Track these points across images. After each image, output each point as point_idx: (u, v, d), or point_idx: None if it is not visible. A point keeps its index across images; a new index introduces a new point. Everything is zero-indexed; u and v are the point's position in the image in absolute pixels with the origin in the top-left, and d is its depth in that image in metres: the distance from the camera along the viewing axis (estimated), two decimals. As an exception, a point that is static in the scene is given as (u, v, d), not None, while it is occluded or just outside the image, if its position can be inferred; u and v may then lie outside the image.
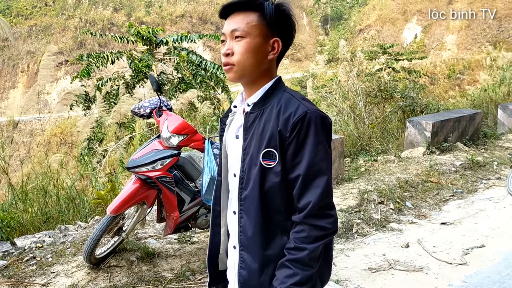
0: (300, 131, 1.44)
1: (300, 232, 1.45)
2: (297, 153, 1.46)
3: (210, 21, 39.71)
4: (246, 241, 1.56)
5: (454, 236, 4.55)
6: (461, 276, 3.75)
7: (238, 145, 1.60)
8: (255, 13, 1.51)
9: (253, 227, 1.53)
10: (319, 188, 1.45)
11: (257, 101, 1.56)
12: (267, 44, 1.53)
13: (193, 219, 3.72)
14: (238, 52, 1.51)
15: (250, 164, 1.53)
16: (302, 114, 1.44)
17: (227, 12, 1.55)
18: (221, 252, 1.75)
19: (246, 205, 1.54)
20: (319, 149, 1.46)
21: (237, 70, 1.53)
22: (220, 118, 1.76)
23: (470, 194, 5.79)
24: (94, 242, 3.34)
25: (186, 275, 3.58)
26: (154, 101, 3.63)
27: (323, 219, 1.45)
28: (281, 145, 1.47)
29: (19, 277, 3.37)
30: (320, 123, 1.46)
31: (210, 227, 1.75)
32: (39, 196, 4.99)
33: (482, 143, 8.11)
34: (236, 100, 1.70)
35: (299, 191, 1.46)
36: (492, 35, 37.35)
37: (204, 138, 3.50)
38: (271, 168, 1.49)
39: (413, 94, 8.57)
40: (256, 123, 1.53)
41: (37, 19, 36.83)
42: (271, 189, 1.50)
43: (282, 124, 1.46)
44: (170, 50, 12.36)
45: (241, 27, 1.50)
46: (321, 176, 1.46)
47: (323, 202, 1.45)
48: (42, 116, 29.73)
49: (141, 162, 3.39)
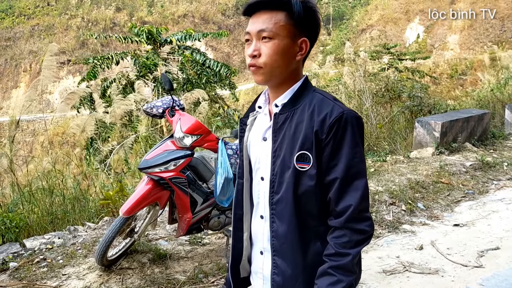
0: (337, 132, 1.39)
1: (341, 237, 1.41)
2: (334, 155, 1.41)
3: (212, 20, 39.68)
4: (280, 247, 1.51)
5: (468, 238, 4.49)
6: (478, 279, 3.69)
7: (265, 147, 1.54)
8: (282, 12, 1.44)
9: (287, 232, 1.48)
10: (358, 190, 1.40)
11: (287, 102, 1.50)
12: (295, 44, 1.47)
13: (205, 220, 3.67)
14: (266, 54, 1.44)
15: (282, 167, 1.47)
16: (338, 115, 1.40)
17: (252, 10, 1.48)
18: (244, 258, 1.69)
19: (279, 210, 1.49)
20: (356, 151, 1.41)
21: (265, 73, 1.47)
22: (240, 118, 1.69)
23: (481, 195, 5.73)
24: (107, 244, 3.29)
25: (199, 277, 3.52)
26: (167, 101, 3.58)
27: (362, 222, 1.41)
28: (316, 147, 1.41)
29: (31, 279, 3.32)
30: (356, 124, 1.42)
31: (232, 232, 1.70)
32: (44, 196, 4.94)
33: (490, 144, 8.05)
34: (259, 100, 1.63)
35: (337, 194, 1.41)
36: (495, 34, 37.28)
37: (218, 139, 3.45)
38: (305, 171, 1.43)
39: (421, 94, 8.50)
40: (287, 125, 1.48)
41: (40, 18, 36.81)
42: (306, 193, 1.45)
43: (317, 125, 1.41)
44: (174, 50, 12.30)
45: (269, 27, 1.43)
46: (360, 178, 1.42)
47: (363, 205, 1.41)
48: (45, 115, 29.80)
49: (154, 163, 3.33)
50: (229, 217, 3.73)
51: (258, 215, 1.60)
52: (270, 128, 1.53)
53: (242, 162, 1.66)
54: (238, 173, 1.69)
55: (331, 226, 1.44)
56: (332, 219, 1.44)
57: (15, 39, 35.79)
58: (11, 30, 36.01)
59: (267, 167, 1.53)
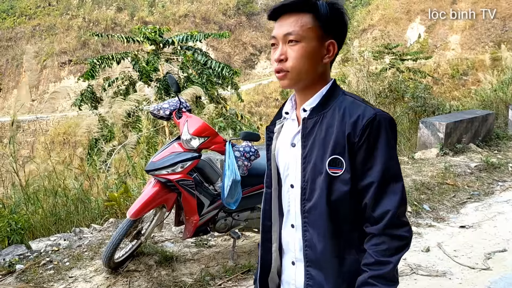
0: (370, 134, 1.35)
1: (380, 245, 1.35)
2: (369, 158, 1.36)
3: (213, 21, 39.63)
4: (315, 257, 1.45)
5: (475, 239, 4.48)
6: (486, 281, 3.68)
7: (295, 153, 1.49)
8: (308, 15, 1.40)
9: (322, 241, 1.42)
10: (396, 194, 1.35)
11: (316, 106, 1.46)
12: (323, 47, 1.43)
13: (212, 222, 3.66)
14: (293, 57, 1.40)
15: (313, 173, 1.42)
16: (371, 116, 1.35)
17: (277, 14, 1.44)
18: (272, 270, 1.63)
19: (312, 218, 1.43)
20: (392, 153, 1.37)
21: (292, 77, 1.43)
22: (267, 126, 1.65)
23: (487, 196, 5.71)
24: (114, 246, 3.27)
25: (206, 279, 3.51)
26: (174, 103, 3.56)
27: (401, 228, 1.36)
28: (349, 151, 1.36)
29: (37, 282, 3.31)
30: (390, 126, 1.38)
31: (260, 243, 1.64)
32: (47, 197, 4.93)
33: (494, 144, 8.03)
34: (286, 106, 1.58)
35: (373, 199, 1.36)
36: (497, 34, 37.22)
37: (225, 141, 3.43)
38: (338, 176, 1.38)
39: (424, 95, 8.48)
40: (316, 129, 1.43)
41: (41, 19, 36.78)
42: (339, 199, 1.39)
43: (349, 128, 1.36)
44: (176, 50, 12.28)
45: (296, 30, 1.39)
46: (397, 181, 1.37)
47: (401, 209, 1.36)
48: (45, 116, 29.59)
49: (161, 165, 3.32)
50: (236, 219, 3.72)
51: (289, 224, 1.54)
52: (298, 133, 1.48)
53: (270, 171, 1.61)
54: (266, 182, 1.64)
55: (368, 233, 1.39)
56: (369, 226, 1.39)
57: (16, 39, 35.77)
58: (12, 30, 36.00)
59: (297, 174, 1.48)
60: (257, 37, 40.58)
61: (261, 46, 40.33)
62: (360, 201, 1.39)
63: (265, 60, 40.42)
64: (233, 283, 3.52)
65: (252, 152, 3.46)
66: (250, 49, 40.02)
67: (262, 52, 40.45)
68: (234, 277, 3.57)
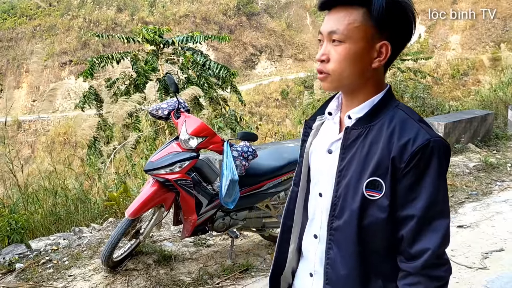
0: (419, 162, 1.19)
1: (415, 285, 1.22)
2: (414, 188, 1.21)
3: (213, 21, 39.65)
4: (336, 279, 1.32)
5: (472, 239, 4.50)
6: (482, 280, 3.70)
7: (330, 161, 1.35)
8: (360, 10, 1.22)
9: (347, 266, 1.29)
10: (439, 232, 1.21)
11: (363, 116, 1.30)
12: (373, 49, 1.25)
13: (210, 222, 3.68)
14: (334, 59, 1.25)
15: (346, 191, 1.28)
16: (424, 142, 1.19)
17: (329, 4, 1.28)
18: (286, 270, 1.53)
19: (338, 237, 1.31)
20: (441, 186, 1.21)
21: (333, 81, 1.28)
22: (306, 120, 1.51)
23: (485, 196, 5.73)
24: (113, 245, 3.30)
25: (204, 278, 3.54)
26: (172, 103, 3.59)
27: (440, 268, 1.23)
28: (392, 175, 1.21)
29: (37, 281, 3.33)
30: (444, 154, 1.22)
31: (278, 242, 1.54)
32: (47, 196, 4.96)
33: (493, 144, 8.04)
34: (331, 105, 1.42)
35: (412, 234, 1.21)
36: (497, 34, 37.22)
37: (223, 140, 3.46)
38: (375, 200, 1.23)
39: (423, 95, 8.51)
40: (359, 143, 1.28)
41: (42, 19, 36.83)
42: (372, 225, 1.26)
43: (396, 151, 1.21)
44: (176, 51, 12.32)
45: (340, 29, 1.23)
46: (442, 218, 1.22)
47: (442, 249, 1.23)
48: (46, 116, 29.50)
49: (160, 165, 3.35)
50: (234, 218, 3.74)
51: (311, 233, 1.42)
52: (338, 141, 1.34)
53: (300, 169, 1.48)
54: (294, 179, 1.52)
55: (403, 269, 1.25)
56: (404, 261, 1.25)
57: (17, 40, 35.83)
58: (13, 31, 36.06)
59: (328, 184, 1.34)
60: (258, 37, 40.60)
61: (262, 46, 40.36)
62: (396, 231, 1.25)
63: (266, 60, 40.46)
64: (231, 282, 3.54)
65: (250, 152, 3.49)
66: (251, 49, 40.04)
67: (262, 52, 40.48)
68: (232, 276, 3.60)
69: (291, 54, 41.29)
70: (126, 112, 7.41)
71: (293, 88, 34.47)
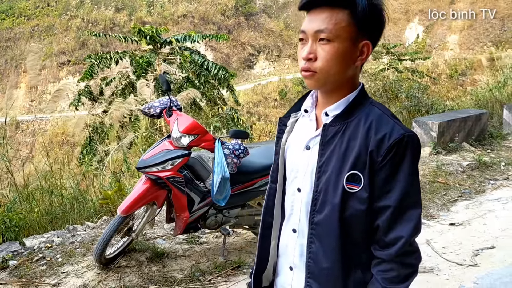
0: (395, 156, 1.26)
1: (388, 272, 1.29)
2: (389, 180, 1.28)
3: (212, 21, 39.70)
4: (318, 272, 1.37)
5: (463, 237, 4.53)
6: (472, 277, 3.73)
7: (308, 157, 1.40)
8: (344, 11, 1.27)
9: (329, 258, 1.35)
10: (411, 222, 1.28)
11: (340, 114, 1.35)
12: (356, 48, 1.31)
13: (202, 219, 3.71)
14: (322, 58, 1.29)
15: (327, 185, 1.32)
16: (399, 137, 1.26)
17: (310, 5, 1.31)
18: (268, 268, 1.56)
19: (320, 231, 1.35)
20: (414, 179, 1.29)
21: (320, 79, 1.32)
22: (280, 118, 1.55)
23: (478, 194, 5.76)
24: (105, 242, 3.33)
25: (196, 275, 3.57)
26: (164, 101, 3.62)
27: (412, 255, 1.31)
28: (370, 169, 1.28)
29: (30, 277, 3.36)
30: (416, 148, 1.30)
31: (259, 239, 1.57)
32: (43, 196, 4.99)
33: (488, 143, 8.08)
34: (306, 103, 1.46)
35: (387, 223, 1.29)
36: (495, 34, 37.29)
37: (215, 138, 3.50)
38: (354, 193, 1.30)
39: (418, 94, 8.55)
40: (337, 139, 1.33)
41: (40, 19, 36.85)
42: (352, 216, 1.31)
43: (374, 145, 1.27)
44: (174, 50, 12.35)
45: (329, 28, 1.27)
46: (415, 208, 1.29)
47: (414, 237, 1.30)
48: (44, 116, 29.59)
49: (152, 162, 3.38)
50: (226, 216, 3.78)
51: (289, 228, 1.46)
52: (316, 138, 1.39)
53: (276, 166, 1.53)
54: (271, 177, 1.55)
55: (377, 257, 1.32)
56: (379, 250, 1.32)
57: (15, 40, 35.85)
58: (11, 31, 36.07)
59: (306, 179, 1.39)
60: (256, 37, 40.65)
61: (260, 47, 40.41)
62: (373, 221, 1.32)
63: (264, 60, 40.50)
64: (223, 278, 3.58)
65: (241, 150, 3.52)
66: (249, 50, 40.08)
67: (260, 52, 40.53)
68: (224, 273, 3.63)
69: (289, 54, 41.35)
70: (122, 114, 7.44)
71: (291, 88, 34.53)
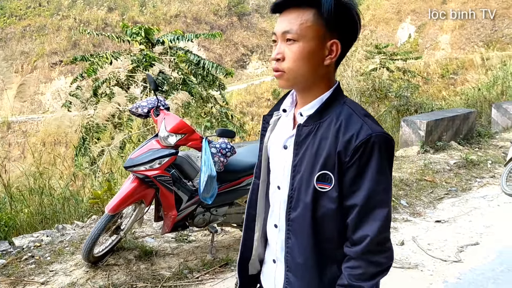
0: (362, 156, 1.27)
1: (355, 268, 1.31)
2: (356, 180, 1.30)
3: (204, 21, 39.66)
4: (294, 266, 1.42)
5: (449, 234, 4.61)
6: (456, 273, 3.81)
7: (285, 156, 1.43)
8: (311, 11, 1.29)
9: (303, 253, 1.39)
10: (377, 221, 1.29)
11: (313, 114, 1.37)
12: (324, 47, 1.32)
13: (190, 217, 3.75)
14: (289, 58, 1.32)
15: (300, 184, 1.36)
16: (366, 137, 1.27)
17: (280, 8, 1.35)
18: (253, 257, 1.62)
19: (295, 227, 1.40)
20: (380, 178, 1.29)
21: (289, 78, 1.35)
22: (264, 115, 1.58)
23: (464, 192, 5.85)
24: (93, 240, 3.37)
25: (184, 273, 3.61)
26: (152, 101, 3.66)
27: (380, 254, 1.31)
28: (339, 169, 1.30)
29: (18, 276, 3.39)
30: (385, 148, 1.30)
31: (243, 230, 1.63)
32: (34, 196, 5.00)
33: (476, 142, 8.19)
34: (285, 102, 1.50)
35: (354, 221, 1.31)
36: (486, 34, 37.52)
37: (202, 137, 3.54)
38: (325, 192, 1.32)
39: (407, 94, 8.63)
40: (310, 139, 1.36)
41: (31, 19, 36.63)
42: (325, 216, 1.35)
43: (342, 146, 1.29)
44: (166, 50, 12.33)
45: (294, 28, 1.30)
46: (381, 208, 1.30)
47: (381, 236, 1.30)
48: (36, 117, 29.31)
49: (139, 161, 3.42)
50: (214, 214, 3.82)
51: (272, 223, 1.51)
52: (292, 137, 1.41)
53: (260, 162, 1.56)
54: (255, 172, 1.60)
55: (346, 254, 1.35)
56: (348, 247, 1.35)
57: (7, 40, 35.63)
58: (3, 31, 35.85)
59: (284, 177, 1.43)
60: (249, 37, 40.67)
61: (253, 47, 40.43)
62: (344, 220, 1.35)
63: (257, 60, 40.52)
64: (211, 276, 3.62)
65: (228, 148, 3.57)
66: (242, 50, 40.09)
67: (253, 52, 40.54)
68: (211, 270, 3.67)
69: (283, 54, 41.31)
70: (109, 113, 7.44)
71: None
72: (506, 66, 14.73)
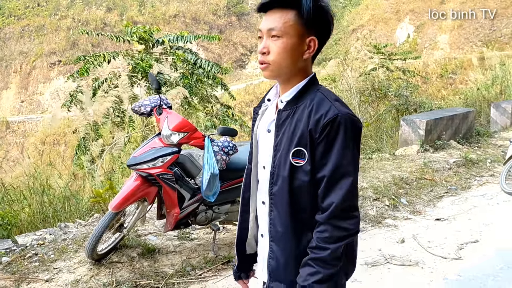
0: (329, 133, 1.47)
1: (323, 232, 1.49)
2: (325, 154, 1.48)
3: (203, 21, 39.67)
4: (276, 235, 1.61)
5: (449, 231, 4.64)
6: (456, 270, 3.84)
7: (269, 139, 1.63)
8: (292, 11, 1.50)
9: (283, 223, 1.58)
10: (342, 189, 1.47)
11: (291, 99, 1.58)
12: (303, 43, 1.53)
13: (193, 215, 3.78)
14: (274, 51, 1.52)
15: (280, 161, 1.56)
16: (332, 116, 1.46)
17: (266, 7, 1.55)
18: (249, 237, 1.81)
19: (276, 200, 1.59)
20: (346, 152, 1.48)
21: (273, 69, 1.55)
22: (254, 107, 1.79)
23: (463, 191, 5.89)
24: (96, 238, 3.39)
25: (186, 270, 3.64)
26: (154, 100, 3.69)
27: (345, 220, 1.49)
28: (311, 145, 1.50)
29: (23, 273, 3.41)
30: (350, 127, 1.49)
31: (239, 213, 1.82)
32: (35, 195, 5.03)
33: (475, 141, 8.23)
34: (270, 93, 1.72)
35: (323, 191, 1.50)
36: (485, 34, 37.56)
37: (204, 136, 3.57)
38: (300, 166, 1.52)
39: (406, 93, 8.67)
40: (288, 121, 1.56)
41: (30, 19, 36.57)
42: (300, 187, 1.54)
43: (312, 124, 1.49)
44: (166, 50, 12.34)
45: (278, 26, 1.50)
46: (346, 178, 1.48)
47: (346, 203, 1.48)
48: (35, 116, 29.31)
49: (142, 160, 3.44)
50: (216, 212, 3.85)
51: (260, 200, 1.70)
52: (273, 121, 1.62)
53: (251, 149, 1.77)
54: (248, 158, 1.80)
55: (317, 220, 1.52)
56: (319, 214, 1.52)
57: (5, 40, 35.58)
58: (1, 31, 35.81)
59: (269, 158, 1.62)
60: (248, 37, 40.67)
61: (252, 46, 40.43)
62: (317, 191, 1.53)
63: (256, 60, 40.48)
64: (213, 273, 3.65)
65: (231, 147, 3.60)
66: (241, 49, 40.11)
67: (252, 52, 40.55)
68: (214, 268, 3.70)
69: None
70: (106, 108, 7.46)
71: (283, 87, 34.53)
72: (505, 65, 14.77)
